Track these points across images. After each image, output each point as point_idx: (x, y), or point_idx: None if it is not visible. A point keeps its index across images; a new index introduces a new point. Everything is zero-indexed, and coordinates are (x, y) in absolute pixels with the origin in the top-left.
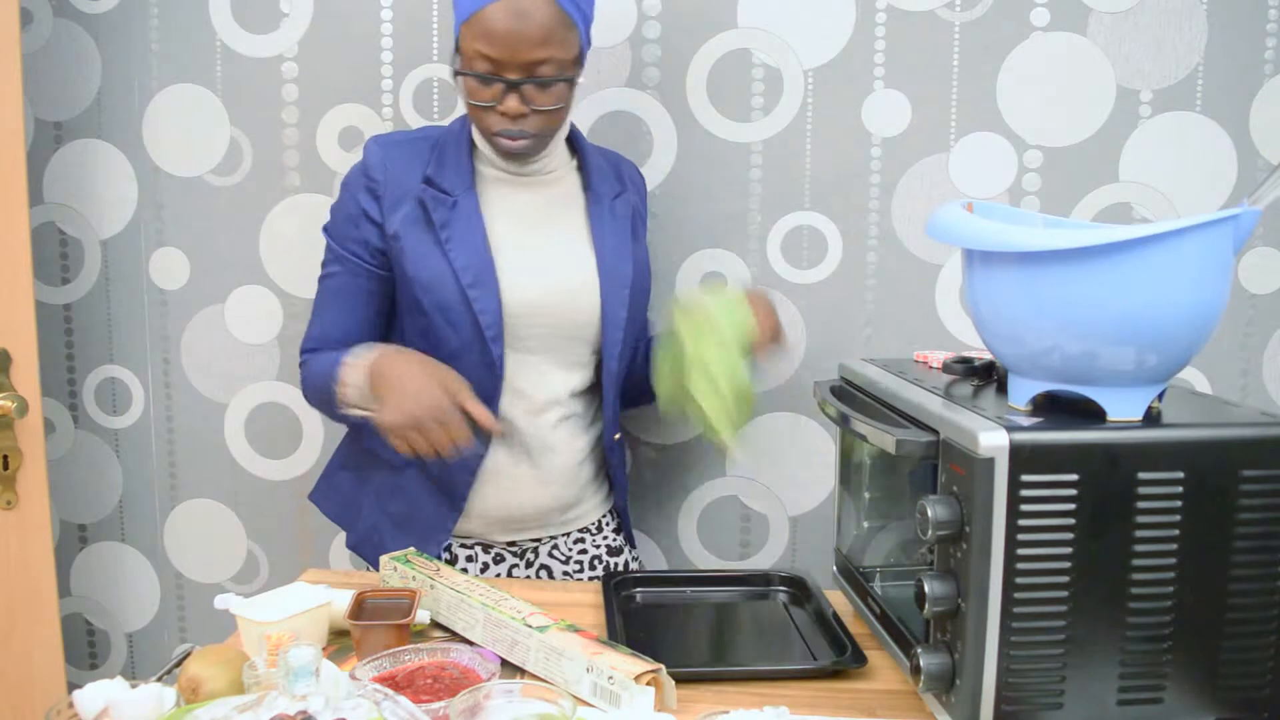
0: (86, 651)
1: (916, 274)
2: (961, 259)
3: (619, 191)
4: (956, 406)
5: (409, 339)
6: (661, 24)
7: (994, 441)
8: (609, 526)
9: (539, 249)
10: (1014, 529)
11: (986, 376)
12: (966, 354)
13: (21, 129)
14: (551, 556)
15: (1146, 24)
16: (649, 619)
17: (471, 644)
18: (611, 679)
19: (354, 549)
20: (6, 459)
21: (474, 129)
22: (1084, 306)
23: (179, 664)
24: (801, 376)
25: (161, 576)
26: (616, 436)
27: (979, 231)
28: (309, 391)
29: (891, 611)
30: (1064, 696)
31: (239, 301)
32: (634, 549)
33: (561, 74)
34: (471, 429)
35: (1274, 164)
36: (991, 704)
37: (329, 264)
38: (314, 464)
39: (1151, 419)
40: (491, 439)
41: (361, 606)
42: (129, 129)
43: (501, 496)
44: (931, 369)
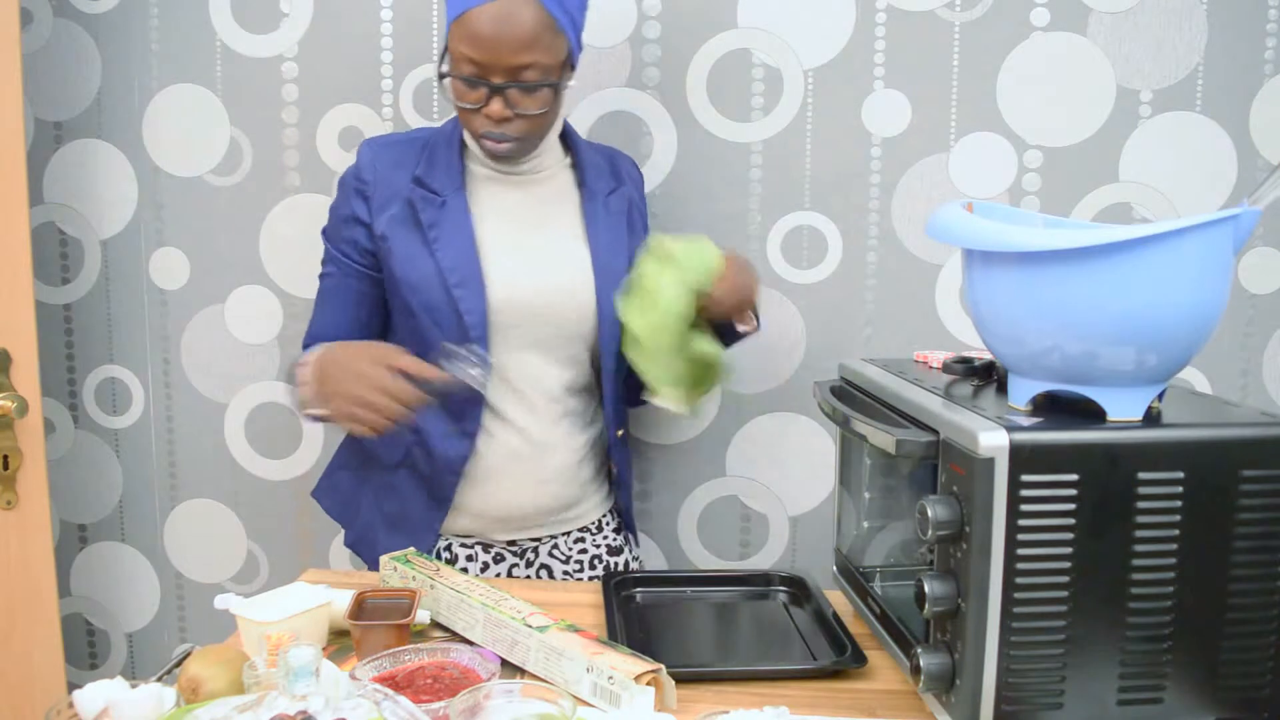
0: (86, 651)
1: (916, 274)
2: (961, 259)
3: (614, 187)
4: (956, 406)
5: (401, 339)
6: (661, 24)
7: (994, 441)
8: (609, 526)
9: (532, 248)
10: (1014, 529)
11: (986, 376)
12: (966, 354)
13: (21, 129)
14: (552, 556)
15: (1146, 24)
16: (649, 619)
17: (471, 644)
18: (611, 679)
19: (351, 547)
20: (6, 459)
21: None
22: (1084, 306)
23: (179, 664)
24: (801, 376)
25: (161, 576)
26: (619, 433)
27: (979, 231)
28: None
29: (891, 611)
30: (1064, 696)
31: (239, 301)
32: (638, 545)
33: (546, 79)
34: (429, 390)
35: (1274, 164)
36: (991, 704)
37: (325, 264)
38: (314, 464)
39: (1151, 419)
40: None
41: (361, 606)
42: (129, 129)
43: (501, 495)
44: (931, 369)
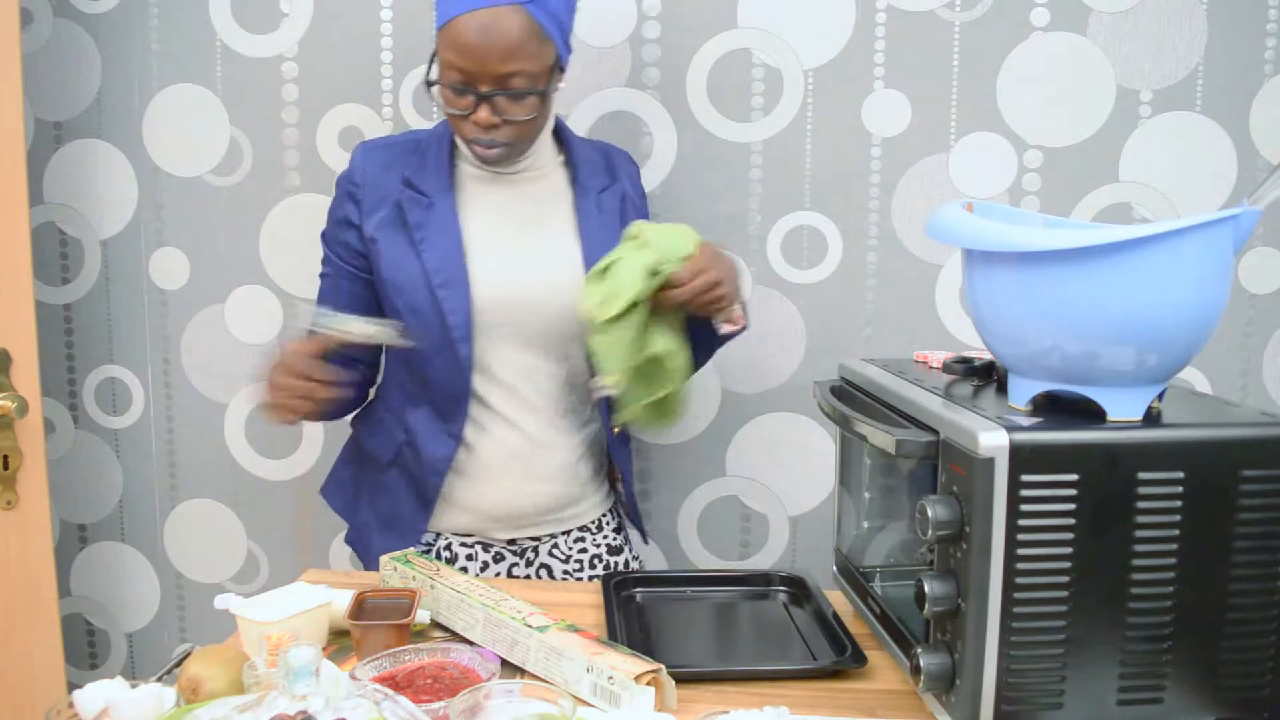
0: (86, 651)
1: (916, 274)
2: (961, 259)
3: (607, 184)
4: (956, 406)
5: None
6: (661, 24)
7: (994, 441)
8: (609, 525)
9: (523, 246)
10: (1014, 529)
11: (986, 376)
12: (966, 354)
13: (21, 129)
14: (551, 555)
15: (1146, 24)
16: (649, 619)
17: (471, 644)
18: (611, 679)
19: (350, 544)
20: (6, 459)
21: None
22: (1084, 307)
23: (179, 664)
24: (801, 376)
25: (161, 576)
26: (615, 430)
27: (979, 231)
28: None
29: (891, 611)
30: (1064, 696)
31: (239, 301)
32: (646, 543)
33: (533, 86)
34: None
35: (1274, 164)
36: (991, 704)
37: (323, 265)
38: (314, 464)
39: (1151, 419)
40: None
41: (361, 606)
42: (129, 129)
43: (500, 494)
44: (931, 369)
